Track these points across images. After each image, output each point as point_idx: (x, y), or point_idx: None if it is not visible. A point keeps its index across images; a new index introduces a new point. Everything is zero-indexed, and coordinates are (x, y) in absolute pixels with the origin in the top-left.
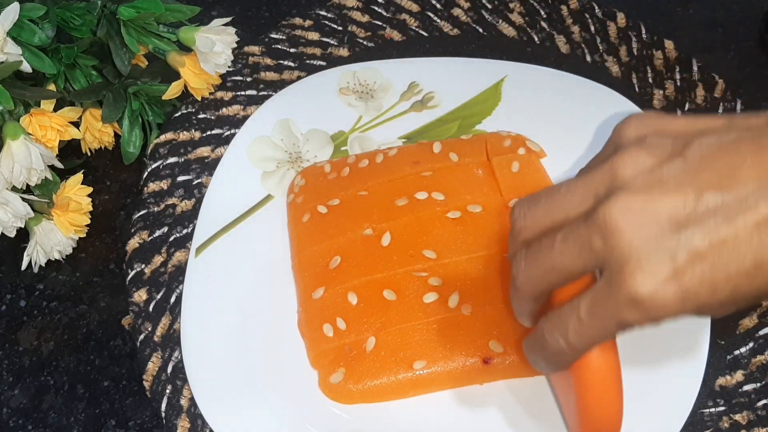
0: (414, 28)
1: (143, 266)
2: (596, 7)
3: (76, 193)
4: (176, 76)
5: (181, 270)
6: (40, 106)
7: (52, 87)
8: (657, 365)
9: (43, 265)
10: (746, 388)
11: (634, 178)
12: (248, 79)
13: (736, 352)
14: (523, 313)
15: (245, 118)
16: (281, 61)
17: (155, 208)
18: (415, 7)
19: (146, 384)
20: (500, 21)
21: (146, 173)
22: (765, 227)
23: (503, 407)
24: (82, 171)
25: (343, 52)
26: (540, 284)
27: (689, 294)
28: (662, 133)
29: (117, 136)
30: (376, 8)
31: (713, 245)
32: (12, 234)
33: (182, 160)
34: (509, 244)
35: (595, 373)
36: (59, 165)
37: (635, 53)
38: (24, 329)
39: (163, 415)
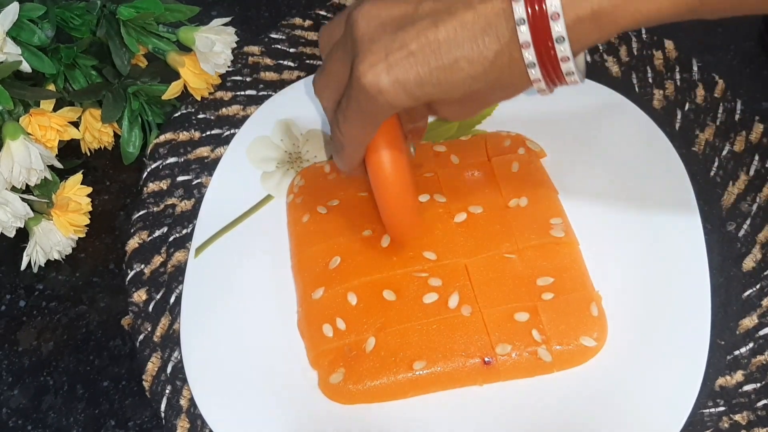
0: None
1: (143, 266)
2: None
3: (75, 193)
4: (176, 76)
5: (180, 270)
6: (39, 106)
7: (51, 87)
8: (657, 365)
9: (43, 265)
10: (746, 388)
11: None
12: (248, 79)
13: (736, 352)
14: (354, 164)
15: (245, 118)
16: (281, 61)
17: (155, 209)
18: None
19: (146, 384)
20: None
21: (146, 173)
22: (461, 30)
23: (503, 407)
24: (82, 171)
25: None
26: (358, 131)
27: (401, 82)
28: None
29: (117, 136)
30: None
31: (421, 43)
32: (11, 234)
33: (182, 160)
34: (329, 121)
35: (376, 166)
36: (59, 165)
37: (635, 53)
38: (24, 329)
39: (163, 415)
